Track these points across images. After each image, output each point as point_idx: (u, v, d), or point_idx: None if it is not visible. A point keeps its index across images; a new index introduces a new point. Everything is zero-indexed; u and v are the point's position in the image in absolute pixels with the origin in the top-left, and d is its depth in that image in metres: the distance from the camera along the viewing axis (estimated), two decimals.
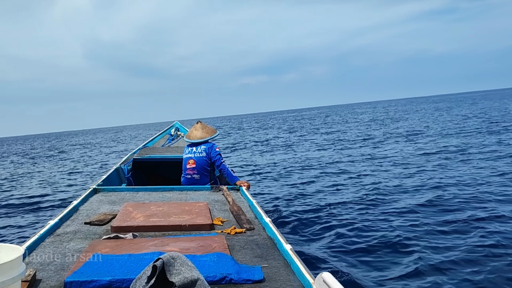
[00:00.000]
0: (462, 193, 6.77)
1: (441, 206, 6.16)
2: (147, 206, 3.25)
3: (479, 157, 10.42)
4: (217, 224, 2.87)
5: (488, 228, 4.94)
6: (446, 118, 26.56)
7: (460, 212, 5.75)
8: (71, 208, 3.20)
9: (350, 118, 43.37)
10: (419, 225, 5.27)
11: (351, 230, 5.29)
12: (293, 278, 1.90)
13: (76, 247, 2.35)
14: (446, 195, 6.74)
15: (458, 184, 7.47)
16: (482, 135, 15.18)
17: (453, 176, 8.28)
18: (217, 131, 4.81)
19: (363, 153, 13.21)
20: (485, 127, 18.14)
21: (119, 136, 49.99)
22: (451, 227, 5.13)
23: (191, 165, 4.49)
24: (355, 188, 8.00)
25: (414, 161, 10.66)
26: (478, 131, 16.66)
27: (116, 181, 5.23)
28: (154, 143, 7.20)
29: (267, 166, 12.21)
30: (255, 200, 3.42)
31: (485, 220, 5.27)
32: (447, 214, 5.70)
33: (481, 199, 6.34)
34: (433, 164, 9.88)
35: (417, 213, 5.85)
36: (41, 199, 9.31)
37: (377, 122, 30.62)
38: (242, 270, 1.92)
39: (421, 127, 21.47)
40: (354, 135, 20.50)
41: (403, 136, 17.37)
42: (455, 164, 9.65)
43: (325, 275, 1.56)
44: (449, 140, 14.40)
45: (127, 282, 1.75)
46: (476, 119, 23.26)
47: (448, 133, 17.05)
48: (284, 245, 2.24)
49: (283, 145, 18.78)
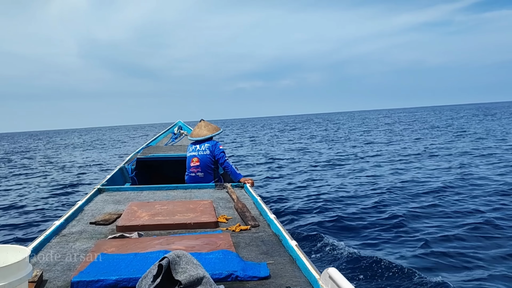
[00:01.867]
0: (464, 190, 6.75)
1: (442, 206, 6.15)
2: (152, 205, 3.26)
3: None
4: (222, 221, 2.87)
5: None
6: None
7: (464, 207, 5.73)
8: (76, 209, 3.21)
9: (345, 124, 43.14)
10: (429, 222, 5.24)
11: (357, 226, 5.29)
12: (299, 274, 1.90)
13: (82, 247, 2.36)
14: (446, 194, 6.73)
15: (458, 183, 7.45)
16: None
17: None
18: (221, 128, 4.80)
19: (363, 153, 13.19)
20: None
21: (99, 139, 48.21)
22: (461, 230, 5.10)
23: (195, 163, 4.49)
24: (359, 185, 7.99)
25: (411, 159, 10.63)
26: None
27: (120, 181, 5.24)
28: (157, 142, 7.20)
29: (271, 162, 12.21)
30: (259, 197, 3.41)
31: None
32: (447, 213, 5.69)
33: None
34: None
35: (428, 210, 5.82)
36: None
37: (368, 125, 30.50)
38: (248, 267, 1.91)
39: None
40: (354, 136, 20.46)
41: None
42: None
43: (331, 270, 1.56)
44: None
45: (134, 281, 1.75)
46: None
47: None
48: (289, 241, 2.23)
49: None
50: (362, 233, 4.95)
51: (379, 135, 21.02)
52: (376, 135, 21.43)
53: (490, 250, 4.28)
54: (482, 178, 7.97)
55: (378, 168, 9.65)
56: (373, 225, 5.23)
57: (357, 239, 4.78)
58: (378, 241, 4.62)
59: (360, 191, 7.25)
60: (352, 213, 5.83)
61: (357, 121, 47.68)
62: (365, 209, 5.98)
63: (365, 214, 5.72)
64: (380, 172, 9.07)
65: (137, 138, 39.39)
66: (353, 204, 6.32)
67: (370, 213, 5.76)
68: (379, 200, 6.45)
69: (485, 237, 4.62)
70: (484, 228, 4.92)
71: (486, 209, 5.70)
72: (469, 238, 4.64)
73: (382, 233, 4.86)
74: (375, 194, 6.89)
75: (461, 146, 13.83)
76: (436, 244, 4.40)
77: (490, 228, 4.93)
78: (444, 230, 4.90)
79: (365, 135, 22.40)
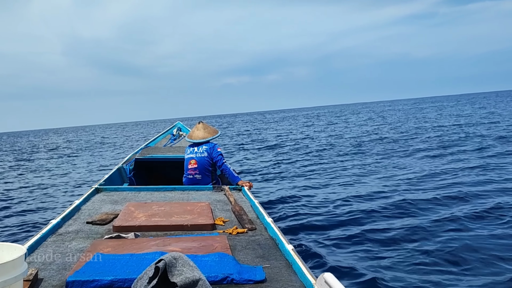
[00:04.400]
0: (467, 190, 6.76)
1: (442, 204, 6.16)
2: (149, 206, 3.25)
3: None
4: (219, 224, 2.87)
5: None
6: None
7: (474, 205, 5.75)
8: (73, 208, 3.21)
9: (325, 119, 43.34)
10: (425, 227, 5.23)
11: (353, 230, 5.29)
12: (294, 278, 1.90)
13: (78, 247, 2.35)
14: (446, 194, 6.74)
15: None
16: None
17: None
18: (219, 131, 4.81)
19: (362, 154, 13.21)
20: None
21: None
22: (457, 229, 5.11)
23: (192, 165, 4.49)
24: (357, 188, 8.00)
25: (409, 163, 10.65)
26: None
27: (118, 181, 5.24)
28: (156, 143, 7.21)
29: (268, 166, 12.22)
30: (257, 200, 3.41)
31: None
32: (448, 210, 5.70)
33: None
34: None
35: (425, 216, 5.82)
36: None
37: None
38: (244, 270, 1.91)
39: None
40: (351, 136, 20.50)
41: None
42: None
43: (327, 275, 1.56)
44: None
45: (129, 281, 1.75)
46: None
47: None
48: (286, 245, 2.23)
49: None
50: (360, 239, 4.94)
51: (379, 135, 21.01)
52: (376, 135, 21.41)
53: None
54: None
55: (382, 171, 9.68)
56: (372, 231, 5.22)
57: (354, 245, 4.78)
58: (376, 247, 4.62)
59: (358, 197, 7.26)
60: (351, 218, 5.83)
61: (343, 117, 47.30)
62: (363, 214, 5.98)
63: (362, 219, 5.72)
64: (385, 175, 9.10)
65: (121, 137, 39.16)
66: (352, 209, 6.33)
67: (368, 218, 5.76)
68: (380, 205, 6.45)
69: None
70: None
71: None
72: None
73: (380, 239, 4.85)
74: (378, 199, 6.89)
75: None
76: (437, 252, 4.40)
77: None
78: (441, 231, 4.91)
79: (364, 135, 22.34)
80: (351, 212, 6.15)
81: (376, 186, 7.89)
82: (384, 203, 6.51)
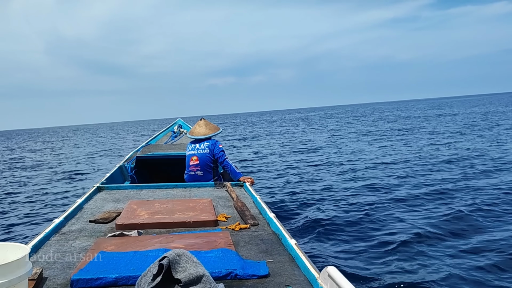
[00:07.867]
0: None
1: (444, 201, 6.16)
2: (151, 203, 3.26)
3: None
4: (221, 220, 2.87)
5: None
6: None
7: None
8: (76, 207, 3.21)
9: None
10: (427, 223, 5.24)
11: (355, 224, 5.30)
12: (298, 272, 1.91)
13: (82, 245, 2.36)
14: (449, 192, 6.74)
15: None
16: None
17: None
18: (220, 128, 4.81)
19: (372, 148, 13.21)
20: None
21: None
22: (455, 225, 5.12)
23: (194, 162, 4.50)
24: (358, 183, 8.00)
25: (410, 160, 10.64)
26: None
27: (119, 179, 5.24)
28: (157, 141, 7.21)
29: (268, 161, 12.22)
30: (259, 196, 3.42)
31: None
32: (447, 210, 5.69)
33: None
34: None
35: (427, 211, 5.82)
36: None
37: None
38: (247, 266, 1.92)
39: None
40: (351, 135, 20.47)
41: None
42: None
43: (330, 269, 1.56)
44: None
45: (133, 279, 1.75)
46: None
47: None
48: (288, 240, 2.24)
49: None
50: (363, 233, 4.95)
51: (379, 135, 21.08)
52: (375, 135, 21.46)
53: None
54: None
55: (383, 167, 9.68)
56: (373, 224, 5.23)
57: (357, 239, 4.79)
58: (379, 241, 4.63)
59: (360, 191, 7.26)
60: (353, 213, 5.84)
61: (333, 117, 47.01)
62: (365, 208, 5.99)
63: (365, 214, 5.72)
64: (386, 171, 9.10)
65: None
66: (355, 204, 6.33)
67: (370, 212, 5.77)
68: (381, 199, 6.46)
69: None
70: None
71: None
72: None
73: (383, 234, 4.86)
74: (380, 194, 6.90)
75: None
76: (437, 252, 4.41)
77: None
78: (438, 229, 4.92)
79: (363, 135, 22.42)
80: (355, 207, 6.16)
81: (379, 183, 7.89)
82: (389, 199, 6.51)
